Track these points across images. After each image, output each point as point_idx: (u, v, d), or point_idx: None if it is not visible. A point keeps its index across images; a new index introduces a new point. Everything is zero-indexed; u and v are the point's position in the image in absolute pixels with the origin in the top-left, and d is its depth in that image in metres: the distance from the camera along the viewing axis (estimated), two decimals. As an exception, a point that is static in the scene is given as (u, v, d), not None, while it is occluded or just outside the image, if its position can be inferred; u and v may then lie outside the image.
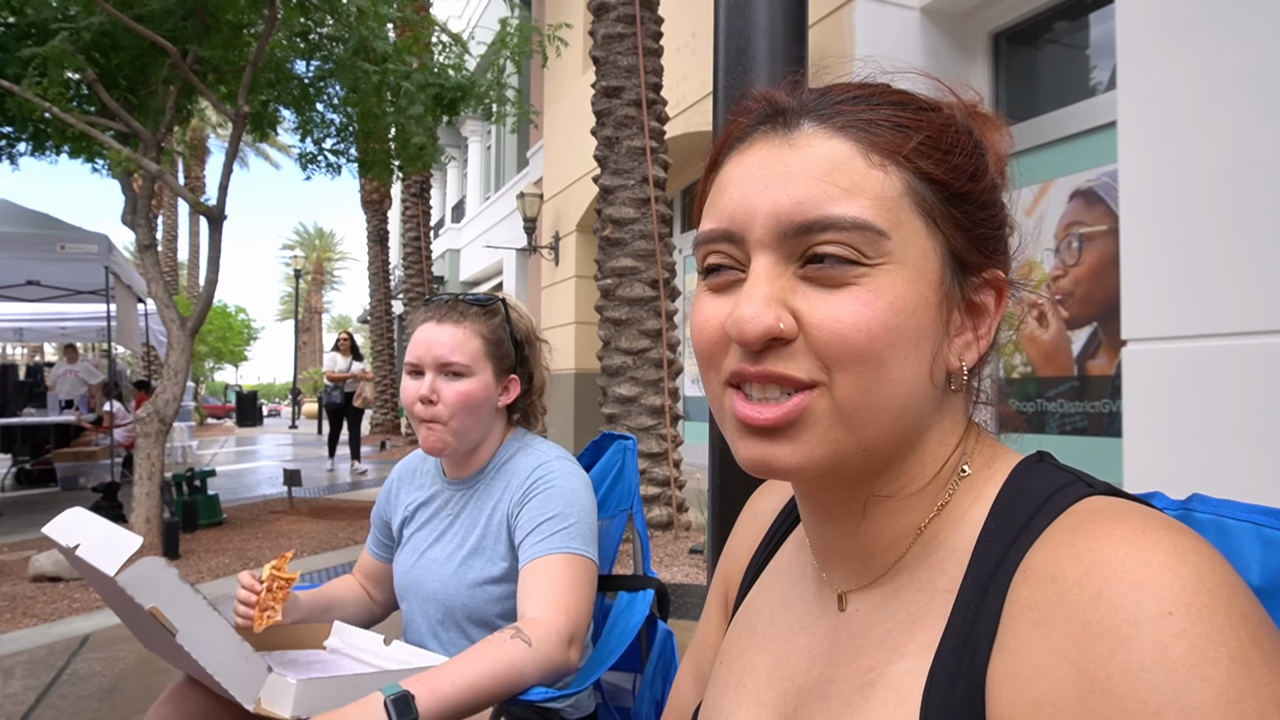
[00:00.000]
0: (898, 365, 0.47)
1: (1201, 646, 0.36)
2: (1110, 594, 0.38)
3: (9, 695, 2.83)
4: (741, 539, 0.72)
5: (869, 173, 0.48)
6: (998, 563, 0.46)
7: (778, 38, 1.57)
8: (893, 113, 0.50)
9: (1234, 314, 2.15)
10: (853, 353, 0.47)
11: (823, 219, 0.47)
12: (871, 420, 0.48)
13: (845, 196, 0.47)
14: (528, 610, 1.16)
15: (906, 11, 4.70)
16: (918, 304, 0.48)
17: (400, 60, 5.96)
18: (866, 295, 0.47)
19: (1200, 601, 0.37)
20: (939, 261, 0.49)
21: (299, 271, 25.62)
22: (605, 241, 5.40)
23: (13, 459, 8.80)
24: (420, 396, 1.29)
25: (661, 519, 5.20)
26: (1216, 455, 2.16)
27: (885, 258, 0.47)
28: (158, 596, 0.94)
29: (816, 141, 0.49)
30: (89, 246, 6.09)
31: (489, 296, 1.38)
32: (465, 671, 1.03)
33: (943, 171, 0.49)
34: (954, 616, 0.47)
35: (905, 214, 0.48)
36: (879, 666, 0.49)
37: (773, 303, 0.48)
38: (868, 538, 0.53)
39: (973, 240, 0.51)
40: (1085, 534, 0.42)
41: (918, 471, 0.52)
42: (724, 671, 0.62)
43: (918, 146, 0.49)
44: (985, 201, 0.52)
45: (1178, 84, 2.29)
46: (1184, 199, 2.27)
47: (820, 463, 0.49)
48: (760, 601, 0.64)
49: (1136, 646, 0.37)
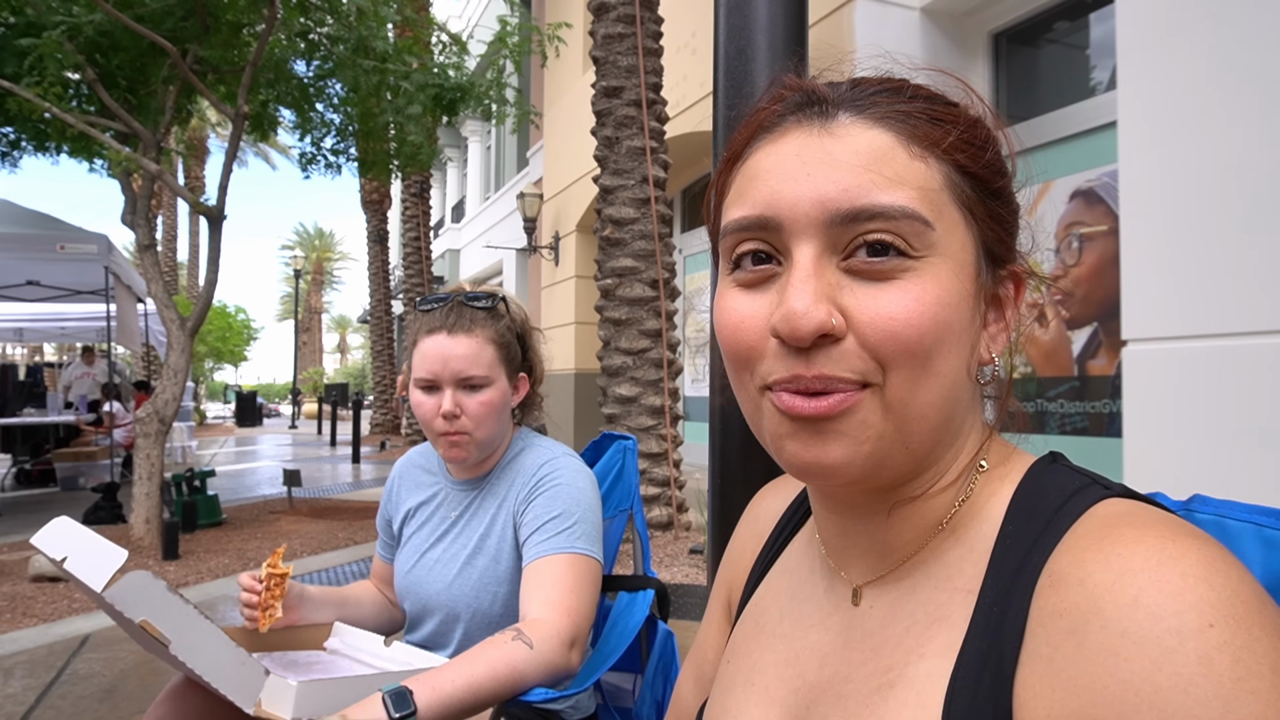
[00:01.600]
0: (944, 360, 0.47)
1: (1245, 660, 0.36)
2: (1147, 603, 0.38)
3: (9, 695, 2.82)
4: (744, 541, 0.72)
5: (911, 164, 0.48)
6: (1020, 565, 0.46)
7: (778, 38, 1.56)
8: (926, 106, 0.50)
9: (1234, 314, 2.15)
10: (905, 349, 0.46)
11: (871, 207, 0.46)
12: (919, 417, 0.48)
13: (891, 186, 0.47)
14: (530, 611, 1.16)
15: (906, 11, 4.70)
16: (960, 297, 0.48)
17: (400, 60, 5.96)
18: (915, 289, 0.46)
19: (1237, 613, 0.37)
20: (975, 254, 0.50)
21: (299, 271, 25.65)
22: (605, 241, 5.40)
23: (13, 459, 8.80)
24: (443, 413, 1.25)
25: (661, 519, 5.20)
26: (1217, 455, 2.15)
27: (930, 250, 0.47)
28: (147, 609, 0.93)
29: (857, 131, 0.48)
30: (89, 246, 6.09)
31: (487, 293, 1.34)
32: (466, 671, 1.02)
33: (979, 166, 0.50)
34: (976, 619, 0.46)
35: (946, 206, 0.48)
36: (898, 667, 0.48)
37: (821, 297, 0.46)
38: (890, 534, 0.53)
39: (1000, 234, 0.52)
40: (1112, 539, 0.42)
41: (948, 467, 0.52)
42: (731, 671, 0.61)
43: (956, 141, 0.49)
44: (1010, 196, 0.53)
45: (1178, 84, 2.29)
46: (1184, 199, 2.27)
47: (867, 460, 0.47)
48: (768, 600, 0.63)
49: (1182, 660, 0.36)
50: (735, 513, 0.75)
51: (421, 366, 1.27)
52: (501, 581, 1.30)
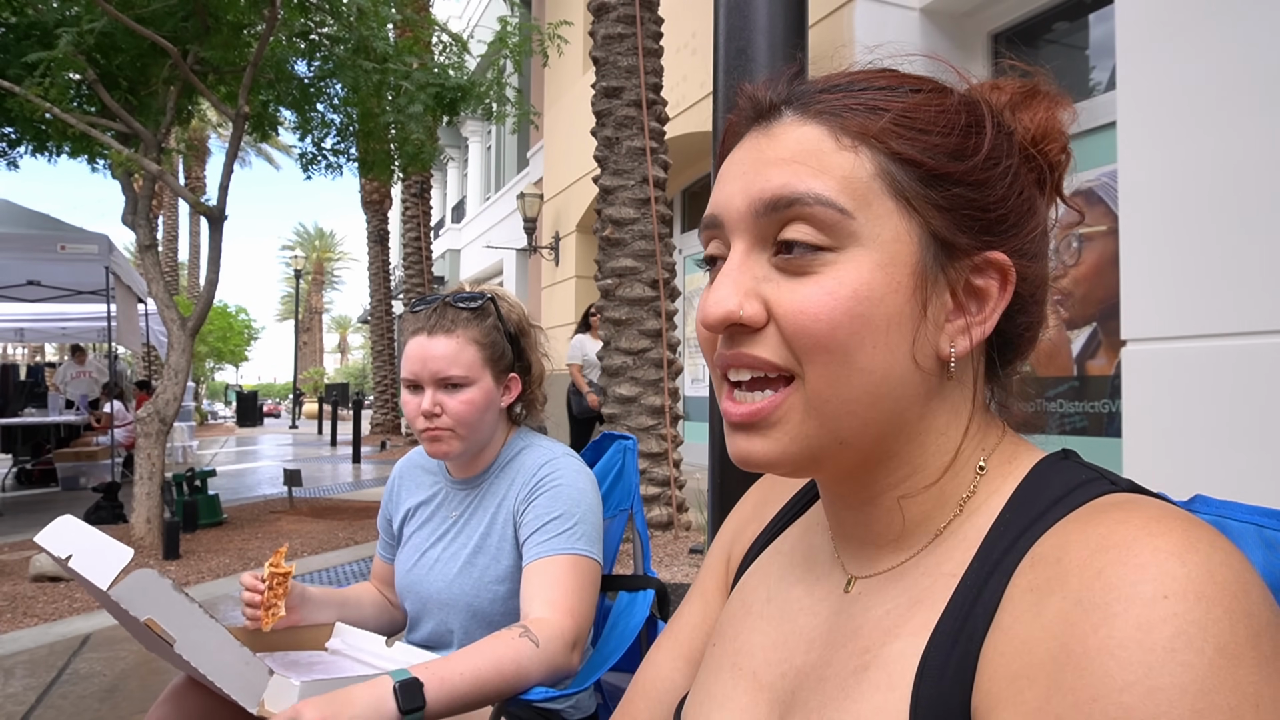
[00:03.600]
0: (866, 354, 0.47)
1: (1189, 633, 0.35)
2: (1110, 575, 0.38)
3: (10, 695, 2.83)
4: (747, 516, 0.71)
5: (839, 154, 0.48)
6: (1006, 550, 0.45)
7: (778, 38, 1.57)
8: (872, 95, 0.49)
9: (1234, 314, 2.15)
10: (817, 343, 0.47)
11: (788, 195, 0.48)
12: (844, 412, 0.48)
13: (813, 176, 0.48)
14: (532, 610, 1.16)
15: (906, 12, 4.71)
16: (888, 289, 0.47)
17: (400, 60, 5.97)
18: (831, 282, 0.47)
19: (1201, 590, 0.36)
20: (916, 244, 0.48)
21: (299, 271, 25.65)
22: (605, 242, 5.41)
23: (13, 459, 8.80)
24: (423, 412, 1.28)
25: (661, 519, 5.20)
26: (1217, 455, 2.16)
27: (851, 240, 0.47)
28: (152, 608, 0.93)
29: (791, 129, 0.50)
30: (89, 247, 6.10)
31: (477, 294, 1.35)
32: (473, 663, 1.03)
33: (917, 151, 0.48)
34: (955, 598, 0.46)
35: (876, 195, 0.48)
36: (874, 648, 0.48)
37: (739, 289, 0.49)
38: (881, 527, 0.53)
39: (958, 221, 0.49)
40: (1097, 521, 0.41)
41: (921, 462, 0.51)
42: (717, 654, 0.61)
43: (888, 126, 0.48)
44: (978, 181, 0.49)
45: (1178, 84, 2.29)
46: (1184, 199, 2.27)
47: (795, 457, 0.49)
48: (756, 581, 0.63)
49: (1120, 624, 0.36)
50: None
51: (405, 366, 1.31)
52: (502, 580, 1.30)
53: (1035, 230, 0.52)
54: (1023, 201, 0.51)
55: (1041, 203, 0.53)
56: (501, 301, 1.37)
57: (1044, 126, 0.53)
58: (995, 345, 0.53)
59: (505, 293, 1.41)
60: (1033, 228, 0.52)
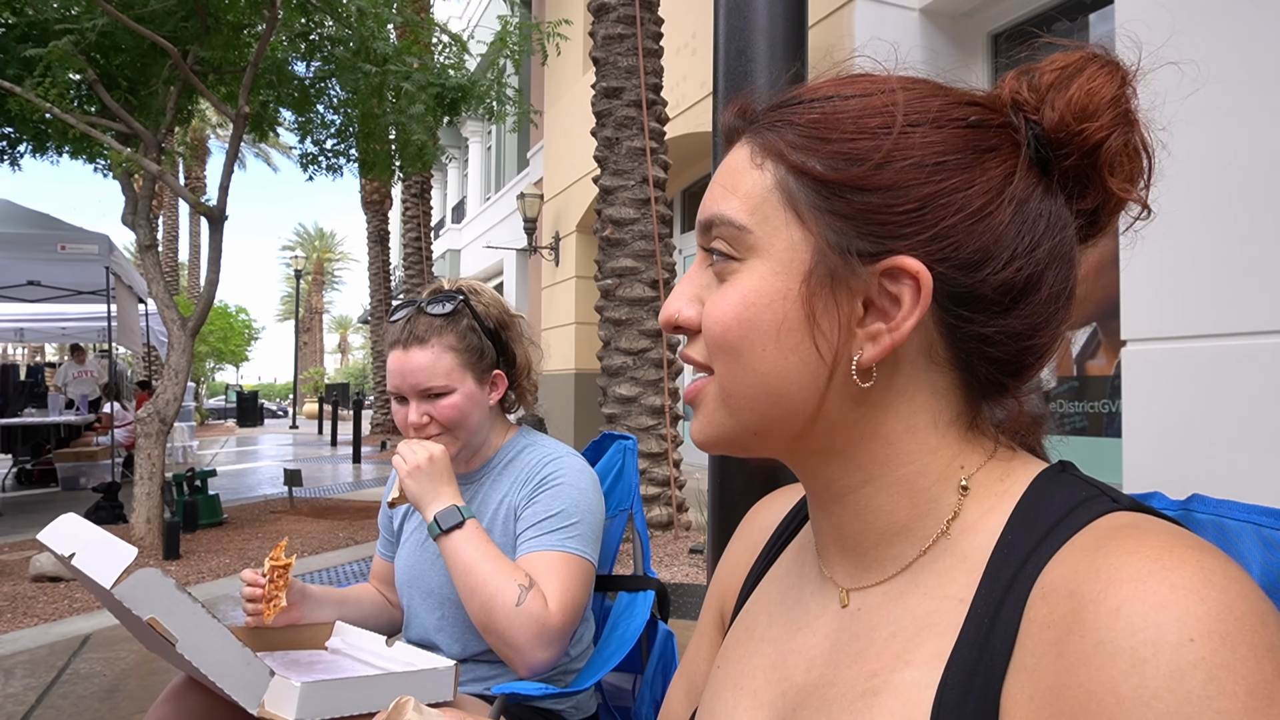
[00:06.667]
0: (756, 355, 0.49)
1: (1220, 678, 0.35)
2: (1128, 613, 0.37)
3: (10, 695, 2.83)
4: (738, 554, 0.71)
5: (749, 173, 0.51)
6: (1014, 576, 0.45)
7: (778, 38, 1.57)
8: (800, 109, 0.50)
9: (1233, 314, 2.15)
10: (715, 344, 0.51)
11: (706, 218, 0.52)
12: (747, 406, 0.51)
13: (725, 196, 0.52)
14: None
15: (906, 12, 4.71)
16: (775, 297, 0.49)
17: (400, 61, 5.97)
18: (730, 290, 0.50)
19: (1224, 630, 0.35)
20: (809, 253, 0.49)
21: (299, 272, 25.63)
22: (605, 242, 5.41)
23: (13, 459, 8.80)
24: (411, 424, 1.31)
25: (661, 519, 5.21)
26: (1216, 455, 2.16)
27: (750, 252, 0.50)
28: (155, 607, 0.93)
29: (736, 150, 0.53)
30: (90, 247, 6.10)
31: (451, 294, 1.33)
32: (488, 554, 1.16)
33: (816, 161, 0.48)
34: (967, 628, 0.45)
35: (772, 209, 0.50)
36: (883, 673, 0.48)
37: (684, 295, 0.54)
38: (854, 531, 0.53)
39: (859, 228, 0.48)
40: (1107, 549, 0.41)
41: (874, 470, 0.51)
42: (721, 675, 0.61)
43: (791, 139, 0.50)
44: (885, 184, 0.47)
45: (1176, 84, 2.29)
46: (1183, 199, 2.27)
47: (715, 438, 0.54)
48: (759, 606, 0.63)
49: (1151, 673, 0.35)
50: (735, 513, 0.75)
51: (388, 380, 1.34)
52: None
53: (987, 231, 0.47)
54: (959, 200, 0.47)
55: (1037, 196, 0.49)
56: (476, 300, 1.35)
57: (1080, 104, 0.48)
58: (973, 360, 0.50)
59: (482, 287, 1.39)
60: (978, 229, 0.47)
